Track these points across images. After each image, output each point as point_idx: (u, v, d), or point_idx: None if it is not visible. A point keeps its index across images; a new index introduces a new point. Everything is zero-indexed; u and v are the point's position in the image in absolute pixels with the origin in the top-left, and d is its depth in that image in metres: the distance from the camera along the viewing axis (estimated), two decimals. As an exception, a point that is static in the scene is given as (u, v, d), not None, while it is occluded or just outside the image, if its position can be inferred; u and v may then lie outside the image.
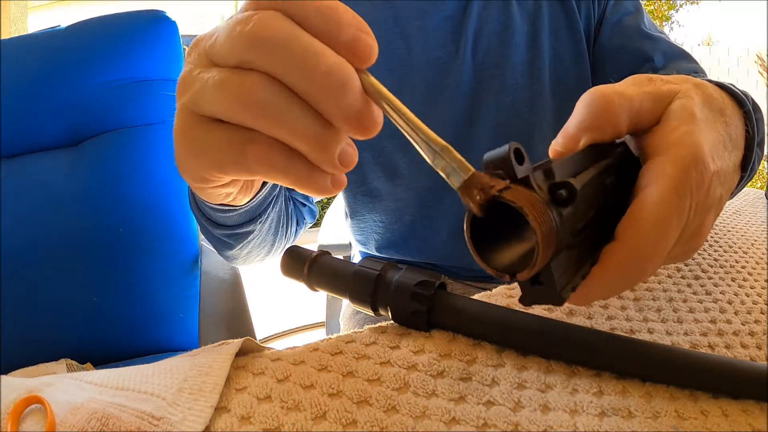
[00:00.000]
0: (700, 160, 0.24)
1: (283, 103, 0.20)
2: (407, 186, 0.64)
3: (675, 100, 0.26)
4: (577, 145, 0.25)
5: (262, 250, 0.55)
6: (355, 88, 0.20)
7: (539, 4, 0.62)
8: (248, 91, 0.20)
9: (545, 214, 0.19)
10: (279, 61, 0.20)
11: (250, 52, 0.20)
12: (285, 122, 0.20)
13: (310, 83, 0.20)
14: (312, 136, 0.21)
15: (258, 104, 0.20)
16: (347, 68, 0.20)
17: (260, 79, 0.20)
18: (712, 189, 0.25)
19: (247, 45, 0.20)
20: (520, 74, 0.61)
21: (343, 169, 0.22)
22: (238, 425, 0.20)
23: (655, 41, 0.62)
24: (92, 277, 0.77)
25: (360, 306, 0.28)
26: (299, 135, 0.21)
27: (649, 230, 0.22)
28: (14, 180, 0.77)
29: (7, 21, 2.02)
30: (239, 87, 0.20)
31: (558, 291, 0.20)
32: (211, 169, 0.23)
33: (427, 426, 0.21)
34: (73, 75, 0.79)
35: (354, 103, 0.20)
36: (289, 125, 0.20)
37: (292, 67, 0.20)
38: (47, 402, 0.21)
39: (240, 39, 0.20)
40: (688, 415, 0.22)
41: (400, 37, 0.61)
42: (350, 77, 0.20)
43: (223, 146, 0.22)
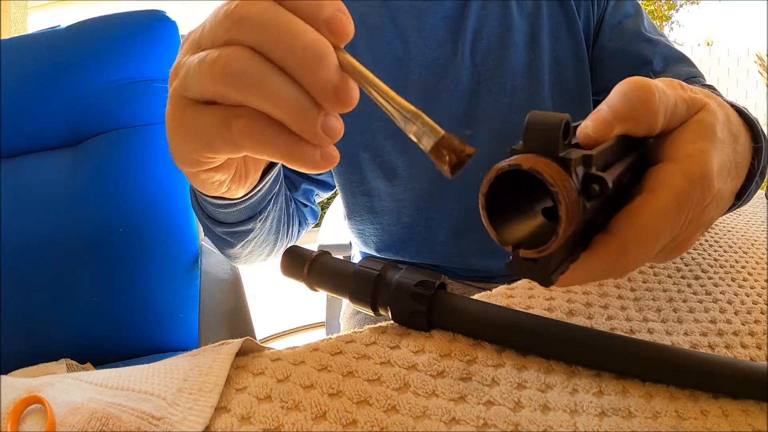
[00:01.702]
0: (707, 180, 0.24)
1: (264, 73, 0.21)
2: (405, 186, 0.64)
3: (700, 113, 0.27)
4: (609, 134, 0.24)
5: (264, 250, 0.55)
6: (332, 63, 0.21)
7: (539, 4, 0.62)
8: (227, 63, 0.21)
9: (576, 204, 0.19)
10: (260, 37, 0.21)
11: (232, 31, 0.21)
12: (266, 92, 0.21)
13: (290, 57, 0.21)
14: (293, 106, 0.21)
15: (238, 75, 0.21)
16: (325, 45, 0.21)
17: (240, 51, 0.21)
18: (708, 209, 0.26)
19: (230, 24, 0.21)
20: (519, 75, 0.61)
21: (328, 139, 0.23)
22: (238, 425, 0.20)
23: (655, 45, 0.62)
24: (92, 277, 0.77)
25: (360, 306, 0.28)
26: (280, 105, 0.21)
27: (644, 233, 0.23)
28: (14, 180, 0.77)
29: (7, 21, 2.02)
30: (219, 60, 0.21)
31: (549, 273, 0.20)
32: (201, 149, 0.24)
33: (427, 426, 0.21)
34: (73, 75, 0.79)
35: (331, 77, 0.21)
36: (270, 95, 0.21)
37: (273, 42, 0.21)
38: (47, 402, 0.21)
39: (223, 19, 0.21)
40: (688, 415, 0.22)
41: (397, 37, 0.61)
42: (328, 53, 0.21)
43: (210, 124, 0.23)
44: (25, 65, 0.79)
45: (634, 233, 0.23)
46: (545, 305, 0.31)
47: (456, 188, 0.63)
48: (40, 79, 0.78)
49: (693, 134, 0.25)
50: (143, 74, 0.81)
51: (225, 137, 0.23)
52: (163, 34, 0.83)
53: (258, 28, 0.21)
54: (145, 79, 0.81)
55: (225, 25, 0.21)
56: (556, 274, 0.21)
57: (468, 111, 0.61)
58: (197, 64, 0.22)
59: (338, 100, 0.21)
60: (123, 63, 0.80)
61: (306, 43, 0.20)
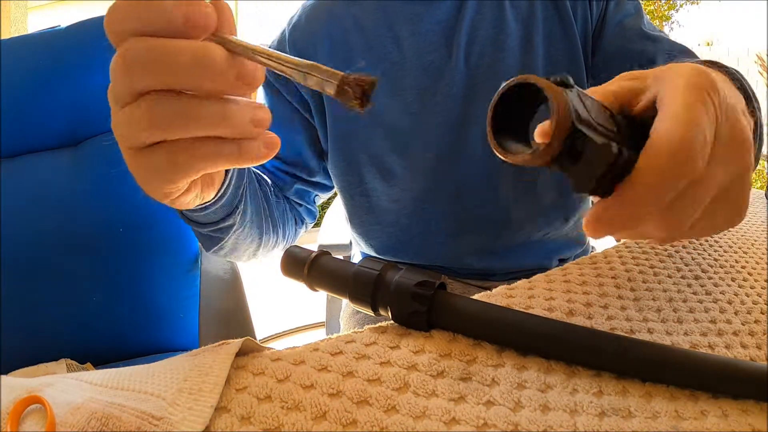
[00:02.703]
0: (703, 72, 0.25)
1: (179, 108, 0.23)
2: (403, 187, 0.64)
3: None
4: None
5: (251, 245, 0.56)
6: (220, 61, 0.22)
7: (533, 7, 0.62)
8: (146, 116, 0.23)
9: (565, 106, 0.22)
10: (155, 79, 0.22)
11: (130, 81, 0.23)
12: (190, 122, 0.23)
13: (186, 79, 0.22)
14: (218, 120, 0.23)
15: (159, 120, 0.23)
16: (203, 49, 0.22)
17: (149, 101, 0.23)
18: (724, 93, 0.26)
19: (124, 77, 0.23)
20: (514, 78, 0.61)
21: (261, 129, 0.24)
22: (238, 425, 0.20)
23: (657, 41, 0.62)
24: (92, 276, 0.77)
25: (360, 306, 0.28)
26: (207, 126, 0.23)
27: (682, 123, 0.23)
28: (14, 180, 0.77)
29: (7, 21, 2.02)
30: (139, 115, 0.23)
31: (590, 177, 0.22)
32: (163, 186, 0.26)
33: (427, 426, 0.21)
34: (73, 75, 0.79)
35: (227, 73, 0.22)
36: (195, 123, 0.23)
37: (166, 74, 0.22)
38: (47, 402, 0.21)
39: (120, 76, 0.23)
40: (688, 415, 0.22)
41: (392, 41, 0.61)
42: (210, 55, 0.22)
43: (160, 164, 0.25)
44: (25, 65, 0.79)
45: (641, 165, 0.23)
46: (545, 305, 0.31)
47: (453, 188, 0.63)
48: (40, 79, 0.78)
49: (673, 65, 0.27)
50: (143, 74, 0.81)
51: (178, 170, 0.25)
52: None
53: (146, 70, 0.22)
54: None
55: (123, 81, 0.23)
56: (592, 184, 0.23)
57: (463, 114, 0.61)
58: (127, 123, 0.24)
59: (246, 84, 0.23)
60: (123, 63, 0.80)
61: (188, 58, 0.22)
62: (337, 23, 0.63)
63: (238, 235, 0.51)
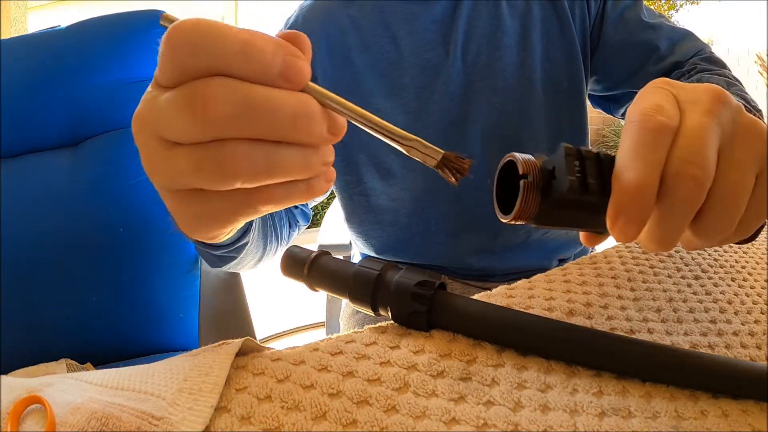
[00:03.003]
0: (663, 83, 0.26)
1: (264, 158, 0.21)
2: (401, 186, 0.64)
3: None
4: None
5: (255, 256, 0.55)
6: (318, 116, 0.21)
7: (530, 5, 0.62)
8: (226, 161, 0.20)
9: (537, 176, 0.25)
10: (246, 128, 0.20)
11: (216, 131, 0.20)
12: (272, 172, 0.21)
13: (283, 132, 0.21)
14: (300, 168, 0.22)
15: (243, 168, 0.20)
16: (304, 104, 0.21)
17: (237, 150, 0.20)
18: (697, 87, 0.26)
19: (210, 126, 0.20)
20: (511, 75, 0.61)
21: (329, 167, 0.24)
22: (238, 425, 0.20)
23: (658, 28, 0.63)
24: (92, 276, 0.77)
25: (360, 306, 0.28)
26: (288, 173, 0.22)
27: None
28: (14, 180, 0.77)
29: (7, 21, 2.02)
30: (213, 160, 0.20)
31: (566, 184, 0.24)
32: (223, 228, 0.25)
33: (427, 426, 0.21)
34: (73, 75, 0.79)
35: (322, 128, 0.21)
36: (276, 171, 0.21)
37: (260, 128, 0.20)
38: (47, 402, 0.21)
39: (197, 123, 0.20)
40: (688, 415, 0.22)
41: (389, 40, 0.61)
42: (311, 111, 0.21)
43: (228, 207, 0.23)
44: (25, 65, 0.79)
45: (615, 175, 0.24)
46: (545, 305, 0.31)
47: (453, 188, 0.63)
48: (40, 79, 0.78)
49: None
50: (143, 74, 0.81)
51: (248, 213, 0.23)
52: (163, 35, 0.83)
53: (237, 121, 0.20)
54: (145, 79, 0.81)
55: (201, 127, 0.20)
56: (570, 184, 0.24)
57: (460, 112, 0.61)
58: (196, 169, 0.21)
59: (335, 139, 0.22)
60: (123, 63, 0.80)
61: (290, 114, 0.20)
62: (334, 23, 0.63)
63: (248, 250, 0.50)
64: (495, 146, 0.60)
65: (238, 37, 0.19)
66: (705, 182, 0.23)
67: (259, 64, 0.20)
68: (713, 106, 0.24)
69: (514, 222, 0.26)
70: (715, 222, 0.24)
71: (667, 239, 0.24)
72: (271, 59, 0.20)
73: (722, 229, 0.25)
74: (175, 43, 0.20)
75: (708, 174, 0.23)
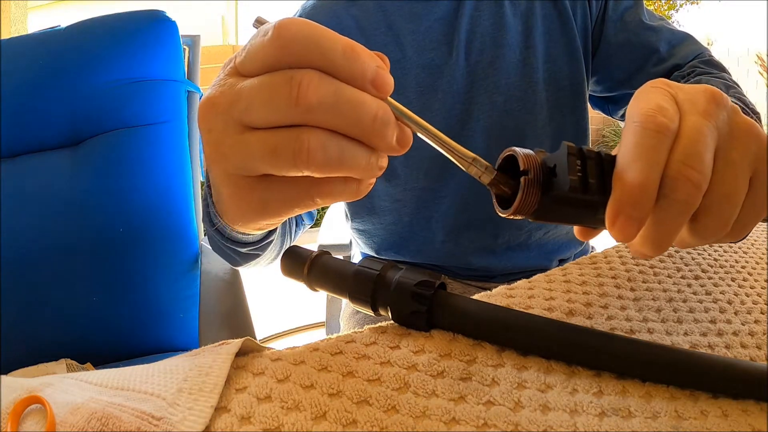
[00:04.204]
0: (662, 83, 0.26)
1: (338, 150, 0.22)
2: (404, 187, 0.64)
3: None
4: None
5: (272, 253, 0.56)
6: (393, 124, 0.23)
7: (532, 4, 0.62)
8: (307, 151, 0.22)
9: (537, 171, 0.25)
10: (329, 119, 0.22)
11: (302, 116, 0.22)
12: (342, 164, 0.22)
13: (360, 130, 0.22)
14: (365, 167, 0.23)
15: (316, 159, 0.22)
16: (385, 110, 0.22)
17: (315, 138, 0.22)
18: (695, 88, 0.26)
19: (299, 111, 0.21)
20: (513, 74, 0.61)
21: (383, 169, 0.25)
22: (238, 425, 0.20)
23: (658, 31, 0.63)
24: (92, 276, 0.77)
25: (360, 306, 0.28)
26: (353, 169, 0.23)
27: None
28: (14, 180, 0.77)
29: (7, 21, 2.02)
30: (296, 149, 0.22)
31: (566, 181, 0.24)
32: (276, 218, 0.26)
33: (427, 426, 0.21)
34: (73, 75, 0.79)
35: (393, 136, 0.23)
36: (345, 165, 0.22)
37: (342, 121, 0.22)
38: (47, 402, 0.21)
39: (287, 105, 0.21)
40: (688, 415, 0.22)
41: (393, 40, 0.62)
42: (389, 118, 0.22)
43: (290, 196, 0.24)
44: (25, 65, 0.79)
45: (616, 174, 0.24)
46: (545, 305, 0.31)
47: (454, 188, 0.63)
48: (40, 79, 0.78)
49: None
50: (143, 74, 0.81)
51: (307, 204, 0.24)
52: (164, 34, 0.83)
53: (326, 112, 0.21)
54: (145, 79, 0.81)
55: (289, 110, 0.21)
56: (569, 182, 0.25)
57: (464, 110, 0.61)
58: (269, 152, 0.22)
59: (401, 149, 0.24)
60: (123, 63, 0.80)
61: (373, 116, 0.22)
62: (336, 24, 0.63)
63: (270, 248, 0.51)
64: (498, 144, 0.60)
65: (342, 40, 0.22)
66: (702, 185, 0.23)
67: (357, 65, 0.22)
68: (710, 107, 0.25)
69: (513, 217, 0.26)
70: (710, 223, 0.25)
71: (662, 241, 0.24)
72: (367, 65, 0.22)
73: (717, 229, 0.25)
74: (288, 33, 0.21)
75: (705, 177, 0.23)
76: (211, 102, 0.23)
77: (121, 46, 0.81)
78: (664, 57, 0.62)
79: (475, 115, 0.62)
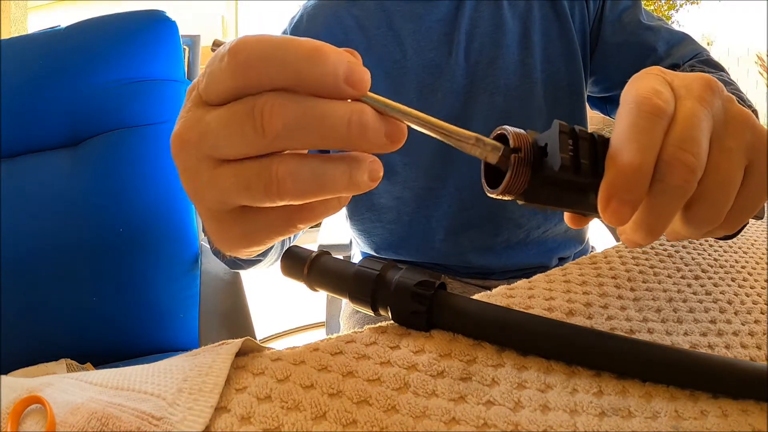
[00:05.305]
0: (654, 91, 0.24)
1: (310, 177, 0.21)
2: (404, 185, 0.64)
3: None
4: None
5: (274, 256, 0.56)
6: (373, 123, 0.21)
7: (530, 4, 0.63)
8: (277, 183, 0.20)
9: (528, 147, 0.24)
10: (301, 140, 0.20)
11: (271, 145, 0.20)
12: (320, 189, 0.21)
13: (339, 141, 0.21)
14: (344, 185, 0.22)
15: (289, 190, 0.21)
16: (360, 112, 0.20)
17: (283, 167, 0.20)
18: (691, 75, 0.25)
19: (267, 140, 0.20)
20: (512, 74, 0.61)
21: (376, 183, 0.23)
22: (238, 425, 0.20)
23: (656, 31, 0.63)
24: (92, 276, 0.77)
25: (360, 306, 0.28)
26: (334, 190, 0.22)
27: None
28: (14, 180, 0.77)
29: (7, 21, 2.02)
30: (267, 181, 0.20)
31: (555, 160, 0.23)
32: (264, 242, 0.25)
33: (427, 426, 0.21)
34: (73, 75, 0.79)
35: (379, 135, 0.21)
36: (324, 190, 0.21)
37: (316, 138, 0.20)
38: (47, 402, 0.21)
39: (255, 136, 0.20)
40: (688, 415, 0.22)
41: (393, 40, 0.62)
42: (365, 119, 0.21)
43: (271, 227, 0.23)
44: (25, 65, 0.79)
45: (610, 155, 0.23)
46: (545, 305, 0.31)
47: (454, 187, 0.63)
48: (40, 79, 0.78)
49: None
50: (143, 74, 0.81)
51: (290, 230, 0.24)
52: (164, 35, 0.83)
53: (296, 134, 0.20)
54: (145, 79, 0.81)
55: (257, 141, 0.20)
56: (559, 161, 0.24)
57: (463, 109, 0.62)
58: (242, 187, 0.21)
59: (393, 145, 0.22)
60: (123, 63, 0.80)
61: (345, 121, 0.20)
62: (338, 23, 0.63)
63: (271, 252, 0.51)
64: None
65: (306, 44, 0.20)
66: (698, 170, 0.23)
67: (327, 68, 0.20)
68: (705, 93, 0.24)
69: (501, 197, 0.25)
70: (704, 211, 0.24)
71: (655, 227, 0.24)
72: (338, 65, 0.20)
73: (711, 219, 0.25)
74: (242, 57, 0.20)
75: (701, 162, 0.23)
76: (180, 138, 0.22)
77: (121, 46, 0.81)
78: (661, 57, 0.62)
79: (475, 114, 0.62)
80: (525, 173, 0.24)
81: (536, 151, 0.24)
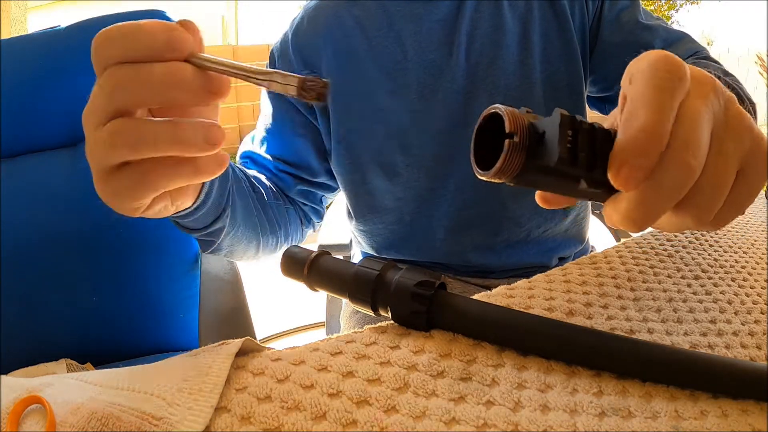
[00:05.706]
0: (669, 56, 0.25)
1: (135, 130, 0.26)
2: (405, 185, 0.64)
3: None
4: None
5: (249, 246, 0.56)
6: (190, 73, 0.25)
7: (530, 5, 0.63)
8: (108, 137, 0.26)
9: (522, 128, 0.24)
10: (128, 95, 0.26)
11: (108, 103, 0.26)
12: (144, 144, 0.25)
13: (160, 94, 0.25)
14: (169, 141, 0.25)
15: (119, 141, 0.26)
16: (175, 65, 0.25)
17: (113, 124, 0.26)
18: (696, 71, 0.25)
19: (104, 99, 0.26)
20: (512, 74, 0.62)
21: (216, 147, 0.27)
22: (238, 425, 0.20)
23: (654, 30, 0.63)
24: (92, 276, 0.77)
25: (360, 306, 0.28)
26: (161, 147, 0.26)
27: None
28: (14, 180, 0.77)
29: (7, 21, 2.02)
30: (104, 137, 0.26)
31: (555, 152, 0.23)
32: (130, 202, 0.29)
33: (427, 426, 0.21)
34: (73, 75, 0.79)
35: (197, 83, 0.25)
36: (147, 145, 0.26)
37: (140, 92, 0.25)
38: (47, 402, 0.21)
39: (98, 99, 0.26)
40: (688, 415, 0.22)
41: (394, 40, 0.62)
42: (181, 70, 0.25)
43: (129, 185, 0.27)
44: (25, 65, 0.79)
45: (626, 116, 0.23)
46: (545, 305, 0.31)
47: (454, 186, 0.63)
48: (40, 79, 0.78)
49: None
50: (143, 74, 0.81)
51: (139, 188, 0.28)
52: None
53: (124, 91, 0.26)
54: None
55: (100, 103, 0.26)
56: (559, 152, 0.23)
57: (464, 110, 0.62)
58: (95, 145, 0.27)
59: (215, 95, 0.26)
60: (123, 63, 0.80)
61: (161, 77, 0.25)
62: (338, 24, 0.63)
63: (232, 237, 0.52)
64: None
65: (132, 24, 0.26)
66: (697, 170, 0.23)
67: (149, 37, 0.25)
68: (709, 91, 0.24)
69: (492, 179, 0.24)
70: (694, 210, 0.24)
71: (643, 222, 0.24)
72: (158, 34, 0.25)
73: (699, 218, 0.25)
74: (95, 42, 0.26)
75: (701, 163, 0.23)
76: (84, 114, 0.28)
77: (121, 46, 0.81)
78: None
79: (476, 115, 0.62)
80: (519, 159, 0.23)
81: (532, 137, 0.23)
